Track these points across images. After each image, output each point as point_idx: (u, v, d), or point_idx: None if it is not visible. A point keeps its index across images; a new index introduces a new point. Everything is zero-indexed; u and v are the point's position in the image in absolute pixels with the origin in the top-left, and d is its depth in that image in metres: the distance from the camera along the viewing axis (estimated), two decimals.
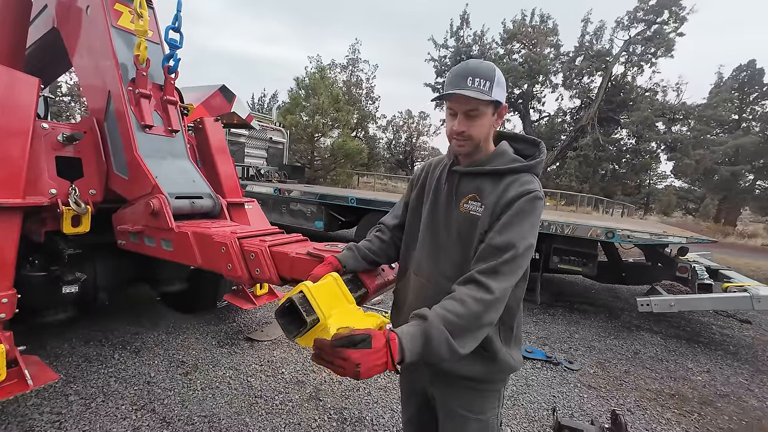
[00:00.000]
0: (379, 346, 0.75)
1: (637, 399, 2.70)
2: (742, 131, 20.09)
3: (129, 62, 2.24)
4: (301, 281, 1.65)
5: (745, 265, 8.02)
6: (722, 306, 3.90)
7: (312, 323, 0.96)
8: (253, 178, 7.88)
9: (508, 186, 0.98)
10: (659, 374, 3.12)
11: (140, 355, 2.67)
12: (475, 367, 1.02)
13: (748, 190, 20.38)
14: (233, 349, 2.86)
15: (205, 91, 3.55)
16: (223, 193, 2.80)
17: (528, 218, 0.94)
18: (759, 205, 20.61)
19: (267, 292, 3.13)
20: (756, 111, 21.42)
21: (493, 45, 17.71)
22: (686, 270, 4.13)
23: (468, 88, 0.95)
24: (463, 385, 1.06)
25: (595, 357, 3.34)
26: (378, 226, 1.28)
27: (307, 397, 2.35)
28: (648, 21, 15.39)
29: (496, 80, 0.97)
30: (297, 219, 6.41)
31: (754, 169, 19.92)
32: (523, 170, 1.02)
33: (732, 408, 2.70)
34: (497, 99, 0.97)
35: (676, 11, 14.77)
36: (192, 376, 2.46)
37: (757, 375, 3.27)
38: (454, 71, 0.99)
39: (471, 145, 1.03)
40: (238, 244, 1.65)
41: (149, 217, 1.95)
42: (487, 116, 1.00)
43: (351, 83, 22.36)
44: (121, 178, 2.20)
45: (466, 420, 1.07)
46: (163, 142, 2.27)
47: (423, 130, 25.63)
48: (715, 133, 19.93)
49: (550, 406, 2.45)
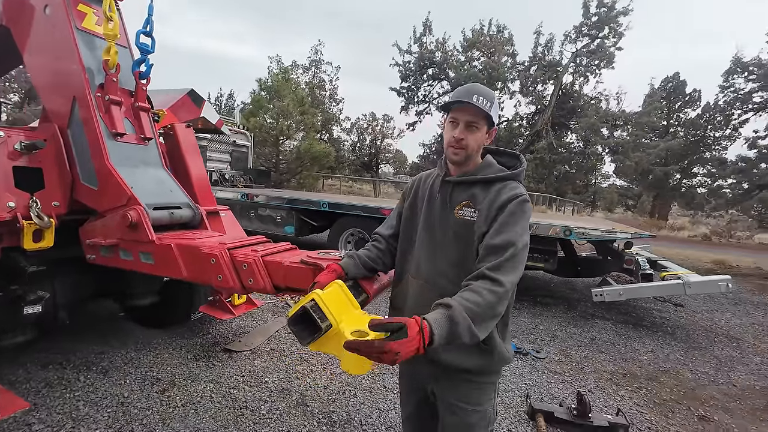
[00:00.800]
0: (413, 334, 0.84)
1: (596, 380, 3.00)
2: (670, 136, 22.59)
3: (95, 66, 2.13)
4: (297, 289, 1.69)
5: (676, 255, 9.04)
6: (661, 293, 4.41)
7: (326, 329, 1.02)
8: (217, 183, 7.56)
9: (499, 191, 1.12)
10: (613, 356, 3.48)
11: (109, 375, 2.52)
12: (473, 360, 1.12)
13: (677, 187, 22.93)
14: (211, 361, 2.78)
15: (172, 95, 3.39)
16: (198, 202, 2.72)
17: (520, 220, 1.08)
18: (685, 201, 23.24)
19: (245, 302, 3.07)
20: (681, 118, 24.20)
21: (455, 52, 18.40)
22: (631, 262, 4.62)
23: (474, 102, 1.11)
24: (462, 378, 1.15)
25: (559, 345, 3.64)
26: (374, 236, 1.37)
27: (294, 404, 2.36)
28: (591, 35, 16.85)
29: (495, 104, 1.14)
30: (266, 224, 6.28)
31: (681, 169, 22.47)
32: (509, 178, 1.16)
33: (672, 381, 3.09)
34: (493, 118, 1.14)
35: (615, 27, 16.33)
36: (170, 393, 2.37)
37: (690, 351, 3.75)
38: (463, 88, 1.16)
39: (464, 155, 1.15)
40: (229, 254, 1.65)
41: (126, 230, 1.87)
42: (482, 131, 1.15)
43: (314, 85, 22.10)
44: (90, 188, 2.08)
45: (466, 412, 1.15)
46: (135, 151, 2.17)
47: (387, 132, 25.95)
48: (649, 138, 22.19)
49: (523, 393, 2.66)
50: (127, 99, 2.23)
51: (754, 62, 16.89)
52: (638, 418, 2.51)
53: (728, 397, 2.91)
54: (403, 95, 19.28)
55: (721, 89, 18.97)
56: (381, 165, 27.55)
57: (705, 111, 22.22)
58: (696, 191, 22.63)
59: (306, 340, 1.04)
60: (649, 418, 2.52)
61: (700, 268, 7.65)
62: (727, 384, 3.13)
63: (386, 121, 24.99)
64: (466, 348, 1.10)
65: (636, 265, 4.54)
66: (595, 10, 16.72)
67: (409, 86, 19.10)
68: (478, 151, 1.18)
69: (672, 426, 2.47)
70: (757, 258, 10.03)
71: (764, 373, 3.38)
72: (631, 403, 2.70)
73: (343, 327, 1.02)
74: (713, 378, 3.22)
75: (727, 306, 5.47)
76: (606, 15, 16.49)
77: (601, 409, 2.56)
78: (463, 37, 18.32)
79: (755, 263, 9.09)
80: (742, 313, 5.24)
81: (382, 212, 5.23)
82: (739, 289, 6.18)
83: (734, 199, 18.25)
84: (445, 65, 18.11)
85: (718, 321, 4.81)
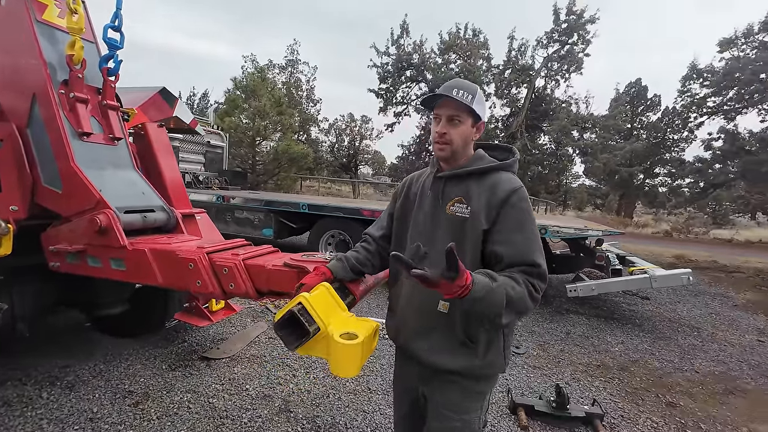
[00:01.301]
0: (463, 281, 0.91)
1: (572, 372, 3.12)
2: (634, 138, 23.89)
3: (58, 62, 1.99)
4: (281, 293, 1.66)
5: (642, 251, 9.55)
6: (630, 287, 4.65)
7: (314, 332, 1.01)
8: (191, 185, 7.29)
9: (495, 186, 1.11)
10: (587, 349, 3.63)
11: (75, 390, 2.36)
12: (459, 360, 1.10)
13: (641, 187, 24.27)
14: (188, 371, 2.67)
15: (143, 93, 3.22)
16: (172, 205, 2.61)
17: (529, 225, 1.08)
18: (648, 199, 24.66)
19: (224, 307, 2.98)
20: (643, 121, 25.66)
21: (432, 54, 18.64)
22: (602, 258, 4.84)
23: (453, 96, 1.10)
24: (449, 380, 1.13)
25: (537, 340, 3.76)
26: (364, 237, 1.35)
27: (277, 411, 2.31)
28: (562, 41, 17.56)
29: (477, 97, 1.12)
30: (244, 227, 6.11)
31: (644, 169, 23.81)
32: (502, 168, 1.15)
33: (642, 371, 3.26)
34: (476, 110, 1.12)
35: (583, 35, 17.11)
36: (144, 406, 2.25)
37: (656, 341, 3.97)
38: (445, 84, 1.15)
39: (449, 150, 1.14)
40: (208, 259, 1.59)
41: (94, 235, 1.77)
42: (466, 125, 1.14)
43: (291, 84, 21.75)
44: (53, 191, 1.95)
45: (451, 419, 1.13)
46: (103, 151, 2.06)
47: (366, 134, 25.91)
48: (615, 140, 23.38)
49: (504, 389, 2.72)
50: (94, 97, 2.11)
51: (708, 69, 18.16)
52: (612, 407, 2.62)
53: (691, 383, 3.10)
54: (381, 96, 19.33)
55: (679, 94, 20.26)
56: (360, 166, 27.46)
57: (665, 115, 23.65)
58: (658, 190, 24.03)
59: (294, 344, 1.02)
60: (622, 407, 2.65)
61: (663, 262, 8.13)
62: (690, 371, 3.34)
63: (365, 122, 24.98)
64: (450, 348, 1.11)
65: (606, 261, 4.76)
66: (565, 17, 17.43)
67: (387, 87, 19.19)
68: (465, 145, 1.16)
69: (643, 413, 2.60)
70: (713, 252, 10.79)
71: (722, 360, 3.62)
72: (605, 393, 2.83)
73: (331, 330, 1.01)
74: (678, 366, 3.42)
75: (688, 297, 5.83)
76: (575, 22, 17.24)
77: (578, 400, 2.66)
78: (440, 39, 18.60)
79: (711, 257, 9.76)
80: (701, 304, 5.61)
81: (363, 213, 5.21)
82: (698, 281, 6.60)
83: (692, 197, 19.53)
84: (423, 67, 18.32)
85: (680, 312, 5.12)
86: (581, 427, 2.35)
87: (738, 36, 16.90)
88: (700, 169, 18.98)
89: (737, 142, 16.57)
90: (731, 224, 19.78)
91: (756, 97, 16.35)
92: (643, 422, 2.49)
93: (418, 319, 1.16)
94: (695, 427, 2.50)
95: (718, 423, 2.56)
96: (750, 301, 5.97)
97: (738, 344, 4.06)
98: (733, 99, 17.66)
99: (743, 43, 16.95)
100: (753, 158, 15.84)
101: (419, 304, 1.16)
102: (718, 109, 18.33)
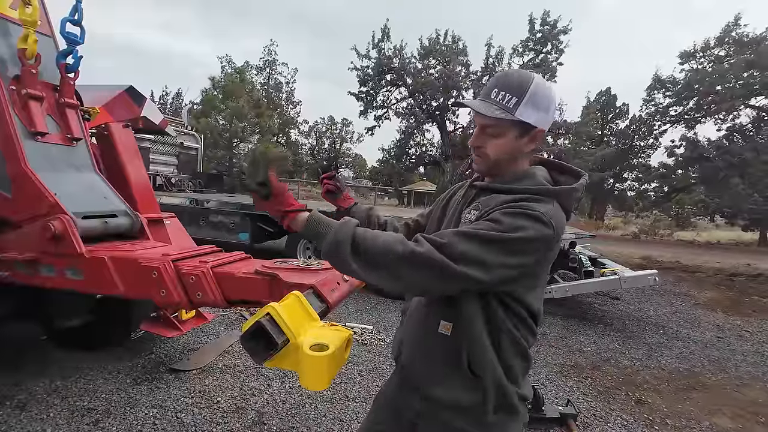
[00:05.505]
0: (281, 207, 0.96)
1: (547, 373, 3.18)
2: (605, 144, 25.05)
3: (8, 56, 1.85)
4: (252, 302, 1.60)
5: (612, 252, 9.94)
6: (601, 288, 4.82)
7: (282, 345, 0.96)
8: (162, 188, 7.01)
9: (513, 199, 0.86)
10: (561, 350, 3.72)
11: (27, 409, 2.19)
12: (456, 392, 0.89)
13: (611, 191, 25.44)
14: (155, 384, 2.53)
15: (108, 91, 3.05)
16: (138, 210, 2.47)
17: (484, 238, 0.78)
18: (618, 203, 25.89)
19: (195, 316, 2.85)
20: (612, 128, 26.97)
21: (412, 59, 18.82)
22: (575, 260, 4.99)
23: (487, 101, 0.86)
24: (447, 419, 0.93)
25: None
26: (413, 220, 1.26)
27: (250, 423, 2.22)
28: (536, 50, 18.17)
29: (527, 97, 0.83)
30: (219, 232, 5.92)
31: (614, 174, 24.98)
32: (537, 193, 0.86)
33: (613, 369, 3.37)
34: (521, 119, 0.83)
35: (557, 44, 17.80)
36: (105, 423, 2.11)
37: (626, 340, 4.12)
38: (492, 78, 0.90)
39: (486, 164, 0.93)
40: (173, 267, 1.51)
41: (48, 242, 1.64)
42: (508, 137, 0.87)
43: (269, 86, 21.43)
44: (2, 194, 1.80)
45: None
46: (60, 153, 1.93)
47: (346, 136, 25.87)
48: (587, 146, 24.44)
49: None
50: (51, 94, 1.97)
51: (670, 80, 19.29)
52: (585, 407, 2.69)
53: (658, 380, 3.23)
54: (361, 100, 19.32)
55: (644, 103, 21.40)
56: (340, 169, 27.36)
57: (632, 122, 24.92)
58: (626, 194, 25.23)
59: (261, 356, 0.97)
60: (594, 406, 2.72)
61: (631, 263, 8.49)
62: (657, 368, 3.48)
63: (345, 125, 24.92)
64: (449, 379, 0.93)
65: (579, 263, 4.91)
66: (539, 27, 18.06)
67: (368, 91, 19.20)
68: (510, 160, 0.92)
69: (613, 411, 2.68)
70: (676, 253, 11.39)
71: (685, 357, 3.80)
72: (578, 392, 2.90)
73: (301, 341, 0.97)
74: (646, 363, 3.56)
75: (654, 297, 6.11)
76: (549, 32, 17.88)
77: (552, 400, 2.71)
78: (420, 44, 18.80)
79: (675, 257, 10.29)
80: (666, 302, 5.89)
81: None
82: (663, 281, 6.93)
83: (657, 201, 20.60)
84: (403, 72, 18.44)
85: (647, 311, 5.35)
86: (556, 428, 2.39)
87: (696, 50, 18.06)
88: (664, 175, 20.08)
89: (697, 150, 17.65)
90: (693, 226, 21.05)
91: (713, 107, 17.49)
92: (614, 420, 2.57)
93: (417, 339, 1.03)
94: (662, 423, 2.60)
95: (683, 418, 2.67)
96: (710, 299, 6.33)
97: (700, 341, 4.28)
98: (693, 109, 18.82)
99: (701, 56, 18.14)
100: (711, 164, 16.92)
101: (416, 321, 1.03)
102: (680, 118, 19.49)
